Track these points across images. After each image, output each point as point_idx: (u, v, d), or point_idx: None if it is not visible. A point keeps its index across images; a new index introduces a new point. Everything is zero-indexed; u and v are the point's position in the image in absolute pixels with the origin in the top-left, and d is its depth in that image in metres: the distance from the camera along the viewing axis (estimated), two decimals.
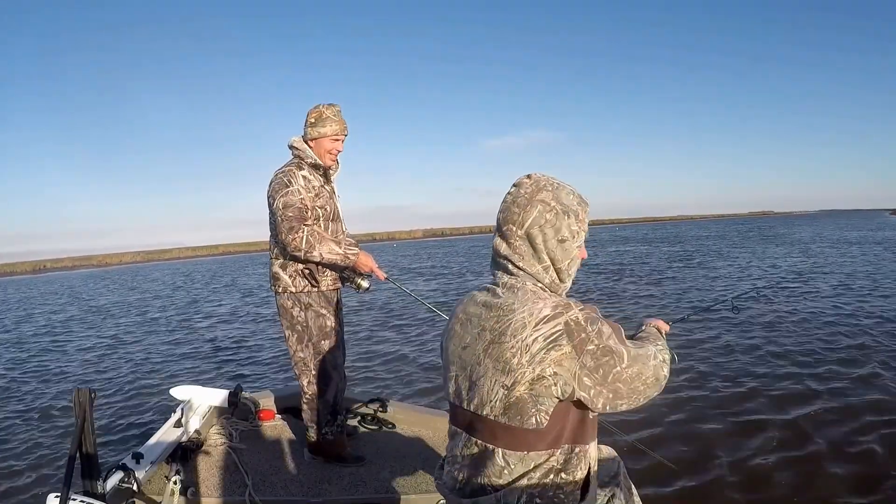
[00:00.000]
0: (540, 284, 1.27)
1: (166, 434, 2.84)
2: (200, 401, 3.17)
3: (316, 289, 2.68)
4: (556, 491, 1.21)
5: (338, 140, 2.70)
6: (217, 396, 3.23)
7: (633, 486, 1.70)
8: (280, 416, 3.33)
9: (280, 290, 2.70)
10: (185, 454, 2.76)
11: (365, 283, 2.78)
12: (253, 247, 61.33)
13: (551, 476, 1.21)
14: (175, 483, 2.38)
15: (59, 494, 1.73)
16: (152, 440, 2.76)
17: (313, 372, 2.73)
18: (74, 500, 1.76)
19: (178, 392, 3.18)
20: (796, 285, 10.36)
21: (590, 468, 1.27)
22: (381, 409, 3.32)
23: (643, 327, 1.66)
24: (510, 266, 1.27)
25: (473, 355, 1.25)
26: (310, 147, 2.67)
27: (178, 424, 2.92)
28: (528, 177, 1.30)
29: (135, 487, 2.22)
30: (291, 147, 2.70)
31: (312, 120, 2.65)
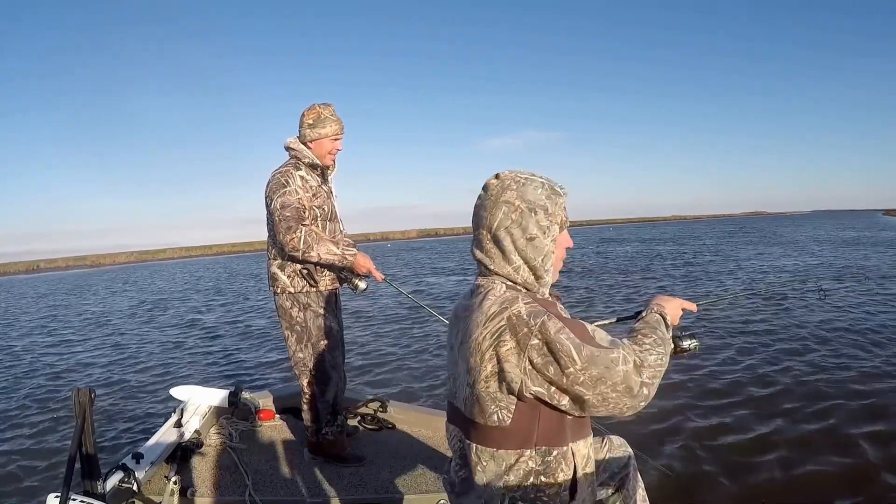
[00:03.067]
0: (512, 284, 1.27)
1: (166, 434, 2.83)
2: (200, 401, 3.17)
3: (314, 288, 2.68)
4: (538, 493, 1.22)
5: (338, 139, 2.71)
6: (217, 396, 3.23)
7: (640, 480, 1.71)
8: (280, 416, 3.33)
9: (278, 290, 2.70)
10: (184, 454, 2.75)
11: (362, 284, 2.77)
12: (248, 247, 61.23)
13: (531, 479, 1.22)
14: (175, 483, 2.38)
15: (59, 494, 1.72)
16: (152, 440, 2.76)
17: (313, 372, 2.73)
18: (74, 500, 1.75)
19: (178, 392, 3.18)
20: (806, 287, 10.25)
21: (575, 469, 1.24)
22: (381, 409, 3.32)
23: (646, 311, 1.43)
24: (484, 269, 1.31)
25: (455, 355, 1.32)
26: (308, 148, 2.67)
27: (177, 424, 2.93)
28: (497, 177, 1.30)
29: (135, 487, 2.22)
30: (288, 148, 2.70)
31: (311, 121, 2.65)
